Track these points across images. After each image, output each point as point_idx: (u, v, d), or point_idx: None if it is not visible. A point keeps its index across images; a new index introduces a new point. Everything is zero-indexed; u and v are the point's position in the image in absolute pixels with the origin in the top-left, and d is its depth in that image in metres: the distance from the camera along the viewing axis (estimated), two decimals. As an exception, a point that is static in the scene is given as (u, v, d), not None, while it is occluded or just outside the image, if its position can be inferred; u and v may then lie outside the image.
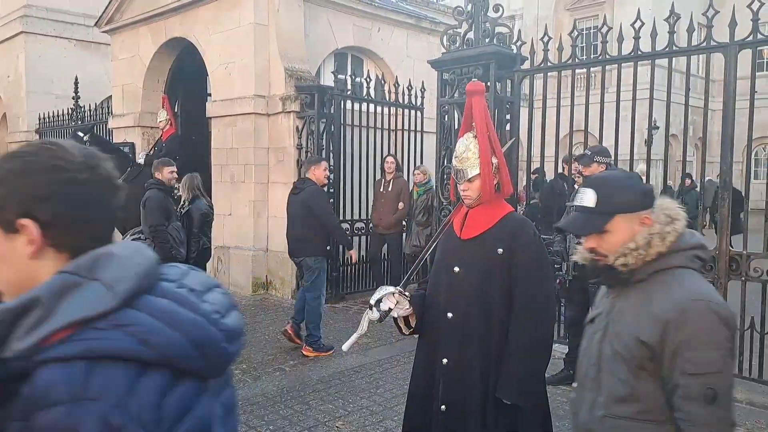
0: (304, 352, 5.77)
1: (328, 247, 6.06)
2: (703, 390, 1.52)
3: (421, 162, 8.69)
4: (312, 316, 5.80)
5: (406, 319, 2.48)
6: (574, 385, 1.87)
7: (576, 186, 8.40)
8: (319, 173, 5.91)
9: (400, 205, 7.91)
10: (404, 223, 8.24)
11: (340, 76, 8.28)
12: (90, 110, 12.05)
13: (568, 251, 4.71)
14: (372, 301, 2.40)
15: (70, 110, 12.51)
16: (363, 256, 8.36)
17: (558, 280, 4.82)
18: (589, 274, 1.81)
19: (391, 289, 2.42)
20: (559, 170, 6.55)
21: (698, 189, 7.54)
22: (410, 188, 8.15)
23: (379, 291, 2.42)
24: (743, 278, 4.79)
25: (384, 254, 8.37)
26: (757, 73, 4.83)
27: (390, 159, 8.06)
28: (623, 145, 5.43)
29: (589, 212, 1.71)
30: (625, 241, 1.67)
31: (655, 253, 1.65)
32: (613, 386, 1.68)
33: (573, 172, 6.56)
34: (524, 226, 2.40)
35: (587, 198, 1.73)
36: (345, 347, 2.58)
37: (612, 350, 1.70)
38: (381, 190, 8.12)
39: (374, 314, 2.39)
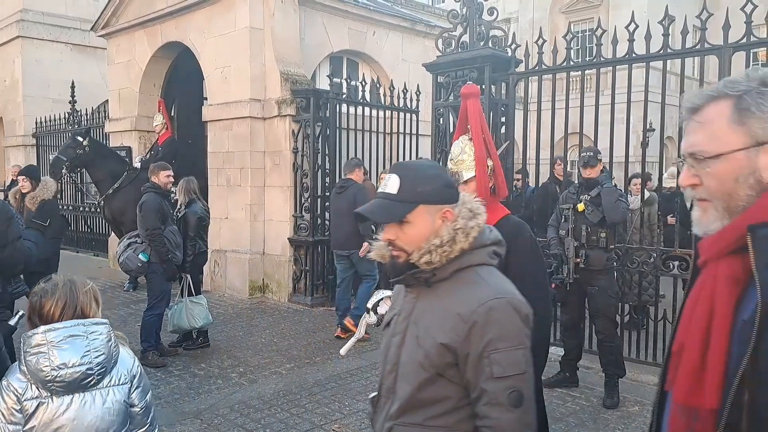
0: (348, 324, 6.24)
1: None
2: (508, 393, 1.45)
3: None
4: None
5: None
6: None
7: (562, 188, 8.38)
8: (359, 174, 6.68)
9: None
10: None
11: (335, 80, 8.29)
12: (86, 114, 12.04)
13: (567, 255, 4.70)
14: (369, 305, 2.40)
15: (66, 114, 12.51)
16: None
17: (553, 284, 4.80)
18: (390, 274, 1.66)
19: (388, 292, 2.42)
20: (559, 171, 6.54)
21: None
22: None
23: (377, 295, 2.43)
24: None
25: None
26: (750, 76, 4.84)
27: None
28: (618, 148, 5.45)
29: (391, 199, 1.57)
30: (426, 235, 1.55)
31: (459, 250, 1.55)
32: (406, 394, 1.56)
33: (559, 174, 6.58)
34: (521, 230, 2.41)
35: (391, 184, 1.58)
36: (343, 351, 2.58)
37: (409, 356, 1.57)
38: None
39: (372, 318, 2.39)
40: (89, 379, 2.08)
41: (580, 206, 4.70)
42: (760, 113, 1.15)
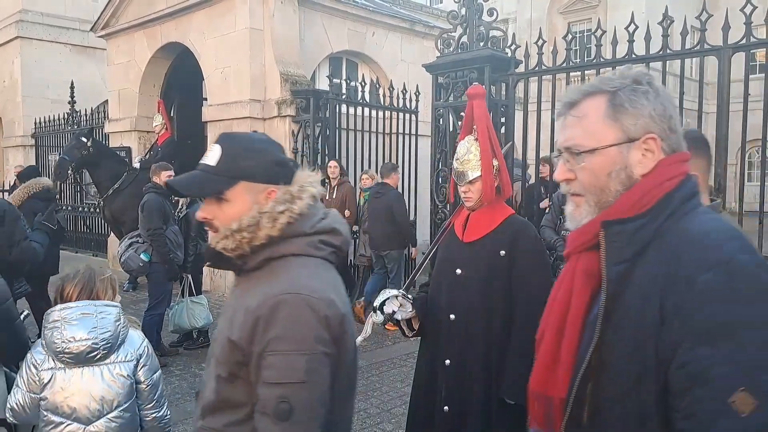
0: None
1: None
2: (277, 403, 1.25)
3: (416, 166, 8.72)
4: None
5: (408, 321, 2.50)
6: None
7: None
8: (395, 179, 7.25)
9: (347, 212, 7.30)
10: (354, 230, 7.73)
11: (335, 80, 8.30)
12: (86, 115, 12.04)
13: None
14: (376, 305, 2.42)
15: (66, 115, 12.50)
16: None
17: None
18: (205, 257, 1.50)
19: (395, 292, 2.44)
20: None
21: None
22: (357, 194, 7.76)
23: (383, 294, 2.44)
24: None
25: None
26: (750, 76, 4.87)
27: (333, 163, 7.58)
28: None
29: (208, 171, 1.39)
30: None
31: (265, 237, 1.36)
32: (208, 393, 1.42)
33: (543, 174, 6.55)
34: (526, 229, 2.43)
35: (211, 155, 1.41)
36: None
37: (212, 351, 1.45)
38: (326, 197, 7.41)
39: (378, 317, 2.41)
40: (95, 353, 2.32)
41: None
42: (633, 109, 1.17)
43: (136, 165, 8.57)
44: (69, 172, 8.10)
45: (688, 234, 1.10)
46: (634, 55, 5.25)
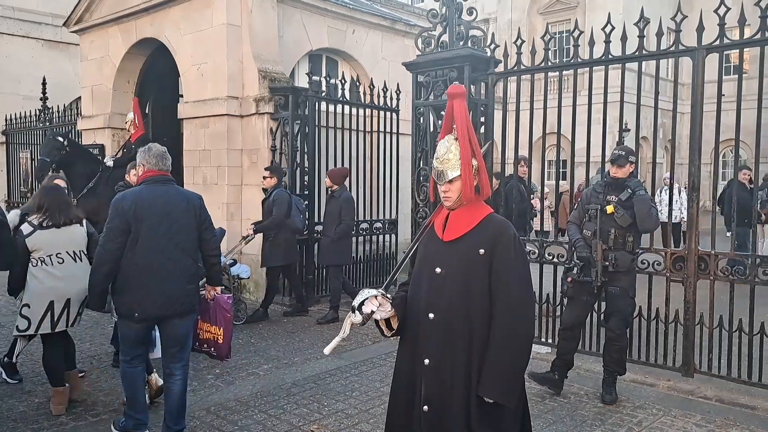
0: None
1: None
2: None
3: (397, 164, 8.71)
4: None
5: (387, 321, 2.48)
6: None
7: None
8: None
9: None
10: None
11: (314, 78, 8.25)
12: (58, 111, 11.81)
13: (595, 257, 4.57)
14: (355, 304, 2.39)
15: (38, 111, 12.25)
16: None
17: (569, 279, 4.75)
18: None
19: (374, 291, 2.41)
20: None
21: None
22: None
23: (362, 294, 2.41)
24: (712, 278, 4.89)
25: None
26: (724, 77, 4.94)
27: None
28: (595, 147, 5.51)
29: None
30: None
31: None
32: None
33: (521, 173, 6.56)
34: (505, 228, 2.42)
35: None
36: (327, 350, 2.56)
37: None
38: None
39: (357, 317, 2.38)
40: None
41: (609, 208, 4.57)
42: None
43: (110, 163, 8.42)
44: (50, 173, 7.98)
45: None
46: (610, 56, 5.29)
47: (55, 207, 4.33)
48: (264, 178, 7.29)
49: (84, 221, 4.47)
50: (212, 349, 4.79)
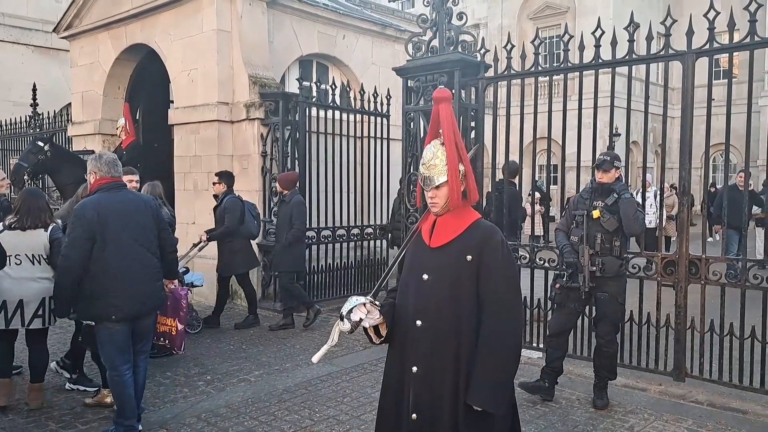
0: None
1: None
2: None
3: (388, 170, 8.68)
4: None
5: (376, 328, 2.45)
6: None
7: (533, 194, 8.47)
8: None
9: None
10: None
11: (305, 83, 8.23)
12: (48, 118, 11.74)
13: (582, 263, 4.54)
14: (343, 312, 2.37)
15: (28, 118, 12.18)
16: (330, 264, 8.30)
17: (557, 285, 4.74)
18: None
19: (362, 299, 2.39)
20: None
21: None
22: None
23: (350, 302, 2.39)
24: (702, 282, 4.90)
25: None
26: (714, 81, 4.96)
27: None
28: (585, 152, 5.51)
29: None
30: None
31: None
32: None
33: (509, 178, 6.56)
34: (493, 233, 2.40)
35: None
36: (315, 359, 2.53)
37: None
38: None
39: (345, 325, 2.35)
40: None
41: (595, 213, 4.55)
42: None
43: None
44: (25, 177, 7.87)
45: None
46: (600, 60, 5.30)
47: (25, 210, 4.45)
48: (213, 184, 7.25)
49: (50, 227, 4.53)
50: (167, 341, 5.08)
